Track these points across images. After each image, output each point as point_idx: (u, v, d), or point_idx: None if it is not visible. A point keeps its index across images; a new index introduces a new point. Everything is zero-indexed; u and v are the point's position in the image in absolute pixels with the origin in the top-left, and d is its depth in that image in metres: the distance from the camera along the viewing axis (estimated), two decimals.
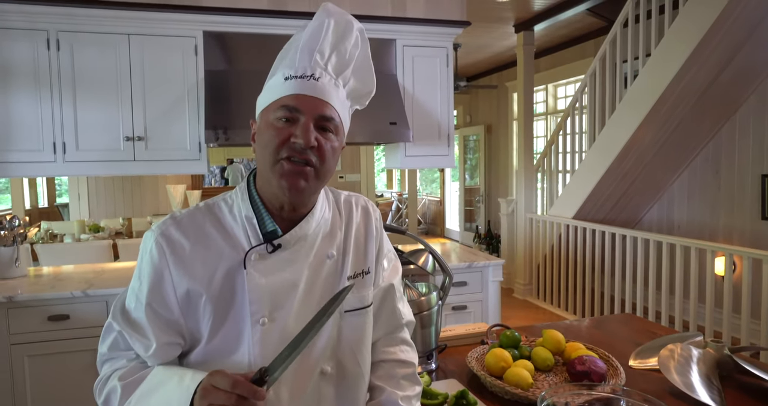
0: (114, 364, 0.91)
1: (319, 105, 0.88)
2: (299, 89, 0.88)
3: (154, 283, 0.88)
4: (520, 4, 4.74)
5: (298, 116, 0.87)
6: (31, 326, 2.32)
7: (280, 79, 0.90)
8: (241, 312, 0.89)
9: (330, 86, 0.90)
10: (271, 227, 0.91)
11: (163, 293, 0.88)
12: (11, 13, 2.56)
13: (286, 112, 0.87)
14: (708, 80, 3.78)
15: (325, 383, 0.95)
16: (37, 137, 2.64)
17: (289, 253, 0.92)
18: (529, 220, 5.42)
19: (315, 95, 0.88)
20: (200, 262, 0.89)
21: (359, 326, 0.99)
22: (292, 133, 0.86)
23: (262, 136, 0.90)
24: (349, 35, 0.93)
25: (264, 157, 0.89)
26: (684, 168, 4.68)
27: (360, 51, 0.95)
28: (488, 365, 1.33)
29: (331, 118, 0.89)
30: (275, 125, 0.88)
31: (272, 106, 0.90)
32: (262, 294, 0.89)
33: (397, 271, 1.11)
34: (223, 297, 0.89)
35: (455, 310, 2.89)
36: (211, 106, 2.73)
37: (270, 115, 0.89)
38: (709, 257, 3.45)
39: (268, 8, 2.89)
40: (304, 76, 0.88)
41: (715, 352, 1.35)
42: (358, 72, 0.96)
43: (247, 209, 0.93)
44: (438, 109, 3.19)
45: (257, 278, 0.89)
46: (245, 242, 0.91)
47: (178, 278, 0.88)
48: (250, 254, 0.90)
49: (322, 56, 0.90)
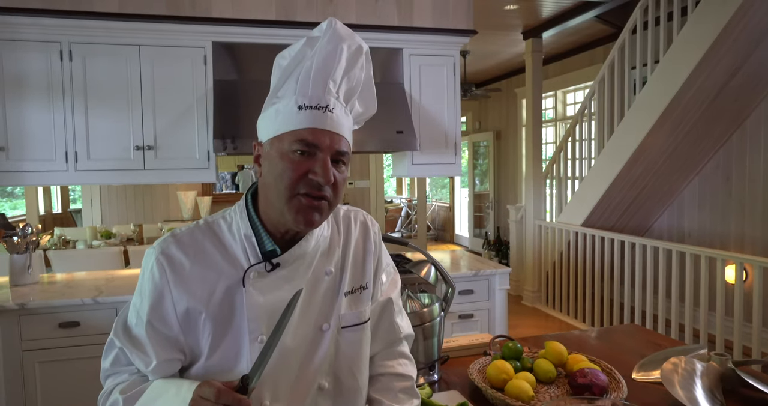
0: (116, 378, 0.93)
1: (336, 140, 0.88)
2: (316, 123, 0.87)
3: (154, 301, 0.90)
4: (529, 12, 4.74)
5: (315, 152, 0.87)
6: (43, 332, 2.36)
7: (292, 107, 0.88)
8: (239, 329, 0.90)
9: (342, 116, 0.90)
10: (270, 246, 0.92)
11: (163, 310, 0.90)
12: (26, 26, 2.62)
13: (303, 146, 0.86)
14: (718, 86, 3.75)
15: (323, 399, 0.96)
16: (49, 147, 2.69)
17: (287, 271, 0.93)
18: (537, 227, 5.40)
19: (332, 130, 0.88)
20: (200, 280, 0.90)
21: (356, 342, 0.99)
22: (310, 169, 0.86)
23: (275, 167, 0.88)
24: (359, 60, 0.93)
25: (278, 189, 0.88)
26: (694, 175, 4.65)
27: (365, 74, 0.95)
28: (490, 376, 1.33)
29: (345, 152, 0.90)
30: (291, 158, 0.87)
31: (286, 136, 0.88)
32: (261, 312, 0.90)
33: (396, 285, 1.11)
34: (222, 315, 0.90)
35: (462, 318, 2.88)
36: (219, 116, 2.76)
37: (284, 146, 0.88)
38: (720, 265, 3.41)
39: (277, 19, 2.93)
40: (320, 107, 0.87)
41: (719, 365, 1.34)
42: (362, 96, 0.96)
43: (246, 227, 0.93)
44: (445, 117, 3.20)
45: (256, 296, 0.90)
46: (244, 261, 0.92)
47: (178, 296, 0.89)
48: (249, 272, 0.91)
49: (335, 84, 0.90)
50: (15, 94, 2.64)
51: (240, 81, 2.92)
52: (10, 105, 2.64)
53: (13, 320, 2.33)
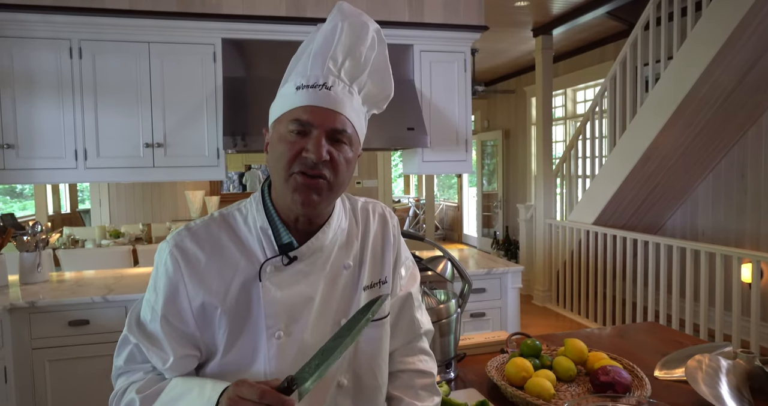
0: (130, 377, 0.90)
1: (332, 117, 0.85)
2: (311, 100, 0.85)
3: (169, 295, 0.87)
4: (539, 9, 4.70)
5: (310, 129, 0.85)
6: (53, 331, 2.35)
7: (292, 89, 0.87)
8: (256, 325, 0.88)
9: (343, 95, 0.87)
10: (287, 239, 0.90)
11: (178, 305, 0.87)
12: (36, 23, 2.61)
13: (297, 125, 0.85)
14: (733, 83, 3.70)
15: (342, 396, 0.93)
16: (59, 144, 2.68)
17: (304, 265, 0.90)
18: (548, 226, 5.35)
19: (327, 106, 0.85)
20: (215, 274, 0.87)
21: (376, 338, 0.96)
22: (304, 147, 0.84)
23: (275, 149, 0.87)
24: (365, 38, 0.89)
25: (277, 170, 0.87)
26: (708, 172, 4.58)
27: (377, 53, 0.92)
28: (509, 374, 1.30)
29: (343, 130, 0.86)
30: (287, 138, 0.86)
31: (284, 117, 0.87)
32: (278, 308, 0.87)
33: (415, 279, 1.08)
34: (239, 310, 0.87)
35: (474, 317, 2.85)
36: (229, 113, 2.75)
37: (282, 128, 0.87)
38: (736, 263, 3.35)
39: (287, 15, 2.91)
40: (316, 85, 0.85)
41: (746, 363, 1.30)
42: (374, 76, 0.93)
43: (263, 220, 0.91)
44: (456, 114, 3.17)
45: (273, 291, 0.87)
46: (260, 254, 0.89)
47: (193, 290, 0.87)
48: (266, 266, 0.88)
49: (335, 63, 0.87)
50: (25, 91, 2.64)
51: (249, 78, 2.90)
52: (20, 103, 2.64)
53: (24, 318, 2.32)
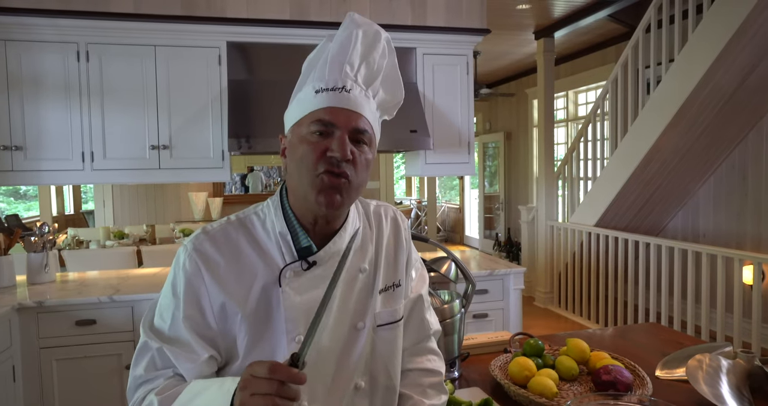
0: (149, 385, 0.87)
1: (353, 117, 0.87)
2: (332, 102, 0.86)
3: (190, 298, 0.87)
4: (540, 11, 4.72)
5: (333, 130, 0.86)
6: (60, 330, 2.37)
7: (311, 93, 0.89)
8: (276, 330, 0.88)
9: (361, 98, 0.89)
10: (306, 242, 0.91)
11: (200, 308, 0.87)
12: (43, 27, 2.64)
13: (320, 126, 0.86)
14: (734, 85, 3.71)
15: (360, 398, 0.95)
16: (66, 146, 2.71)
17: (322, 269, 0.91)
18: (550, 227, 5.37)
19: (348, 107, 0.87)
20: (235, 279, 0.88)
21: (391, 340, 0.98)
22: (328, 147, 0.85)
23: (296, 151, 0.88)
24: (377, 45, 0.92)
25: (300, 171, 0.87)
26: (710, 174, 4.60)
27: (387, 61, 0.94)
28: (512, 373, 1.32)
29: (364, 130, 0.88)
30: (309, 140, 0.86)
31: (305, 120, 0.88)
32: (298, 312, 0.88)
33: (425, 280, 1.10)
34: (259, 315, 0.88)
35: (476, 318, 2.87)
36: (234, 115, 2.78)
37: (303, 130, 0.88)
38: (737, 265, 3.37)
39: (291, 19, 2.94)
40: (336, 88, 0.87)
41: (746, 363, 1.32)
42: (386, 83, 0.95)
43: (282, 225, 0.92)
44: (458, 116, 3.19)
45: (292, 296, 0.88)
46: (279, 259, 0.90)
47: (214, 294, 0.87)
48: (285, 271, 0.89)
49: (352, 68, 0.89)
50: (32, 94, 2.67)
51: (254, 81, 2.93)
52: (27, 105, 2.67)
53: (31, 318, 2.34)
